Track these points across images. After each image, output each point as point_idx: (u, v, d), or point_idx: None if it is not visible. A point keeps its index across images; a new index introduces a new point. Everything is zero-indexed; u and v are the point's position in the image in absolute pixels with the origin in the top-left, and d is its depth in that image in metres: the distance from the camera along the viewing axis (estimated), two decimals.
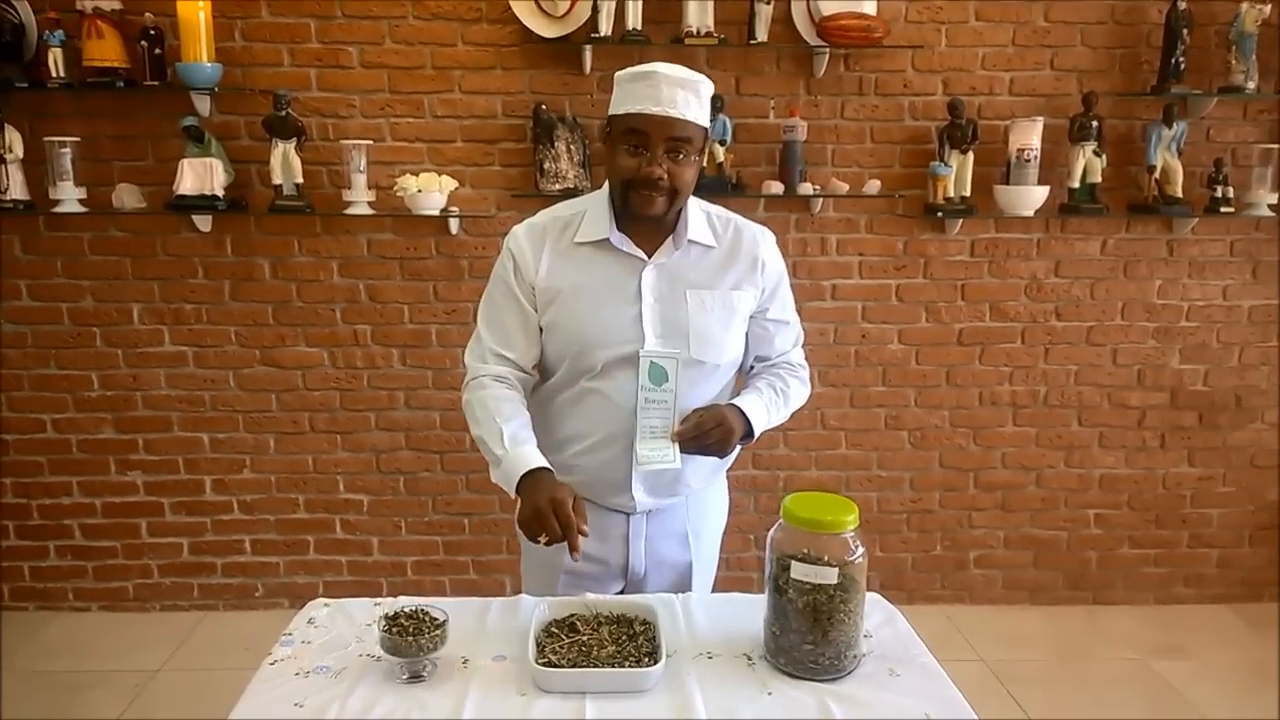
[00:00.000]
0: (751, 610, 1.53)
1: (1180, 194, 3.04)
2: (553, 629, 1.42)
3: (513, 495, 1.56)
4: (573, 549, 1.43)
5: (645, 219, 1.59)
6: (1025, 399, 3.26)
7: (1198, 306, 3.22)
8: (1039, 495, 3.34)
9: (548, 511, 1.44)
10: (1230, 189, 3.04)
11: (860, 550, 1.34)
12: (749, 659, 1.41)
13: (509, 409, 1.63)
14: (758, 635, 1.45)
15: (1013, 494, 3.34)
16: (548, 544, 1.45)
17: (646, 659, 1.34)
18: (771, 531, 1.40)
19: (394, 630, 1.32)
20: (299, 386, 3.12)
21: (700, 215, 1.67)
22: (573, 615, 1.47)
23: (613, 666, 1.32)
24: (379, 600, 1.58)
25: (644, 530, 1.73)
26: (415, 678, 1.33)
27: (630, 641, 1.39)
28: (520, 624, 1.48)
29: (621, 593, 1.81)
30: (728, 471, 1.85)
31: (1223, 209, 3.04)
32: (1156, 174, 3.02)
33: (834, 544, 1.34)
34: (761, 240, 1.71)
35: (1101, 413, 3.28)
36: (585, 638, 1.39)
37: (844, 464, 3.26)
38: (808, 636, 1.33)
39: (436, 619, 1.37)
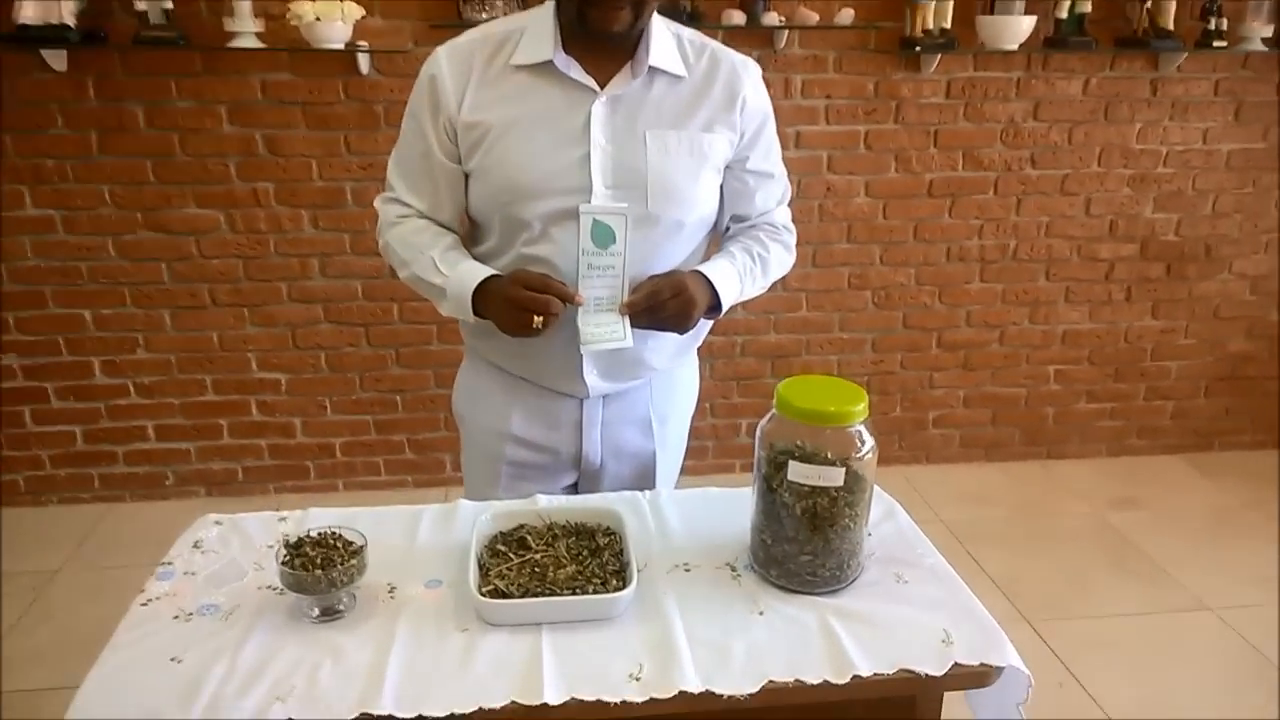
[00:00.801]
0: (732, 509, 1.30)
1: (1171, 26, 2.76)
2: (499, 546, 1.18)
3: (471, 320, 1.35)
4: (569, 300, 1.29)
5: (601, 38, 1.26)
6: (994, 253, 3.05)
7: (1176, 151, 3.01)
8: (1001, 353, 3.19)
9: (520, 294, 1.26)
10: (1224, 20, 2.77)
11: (869, 445, 1.11)
12: (733, 570, 1.19)
13: (429, 237, 1.39)
14: (741, 539, 1.23)
15: (975, 352, 3.18)
16: (544, 324, 1.27)
17: (613, 579, 1.11)
18: (762, 423, 1.16)
19: (297, 562, 1.06)
20: (193, 254, 2.74)
21: (668, 38, 1.35)
22: (522, 527, 1.22)
23: (573, 592, 1.09)
24: (284, 514, 1.32)
25: (599, 416, 1.48)
26: (329, 615, 1.08)
27: (593, 558, 1.16)
28: (458, 539, 1.23)
29: (575, 486, 1.57)
30: (709, 350, 1.60)
31: (1215, 43, 2.78)
32: (1149, 3, 2.73)
33: (838, 439, 1.10)
34: (744, 73, 1.40)
35: (1070, 266, 3.10)
36: (538, 555, 1.15)
37: (804, 327, 3.05)
38: (805, 546, 1.12)
39: (352, 544, 1.11)
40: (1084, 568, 2.69)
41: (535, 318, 1.25)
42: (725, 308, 1.38)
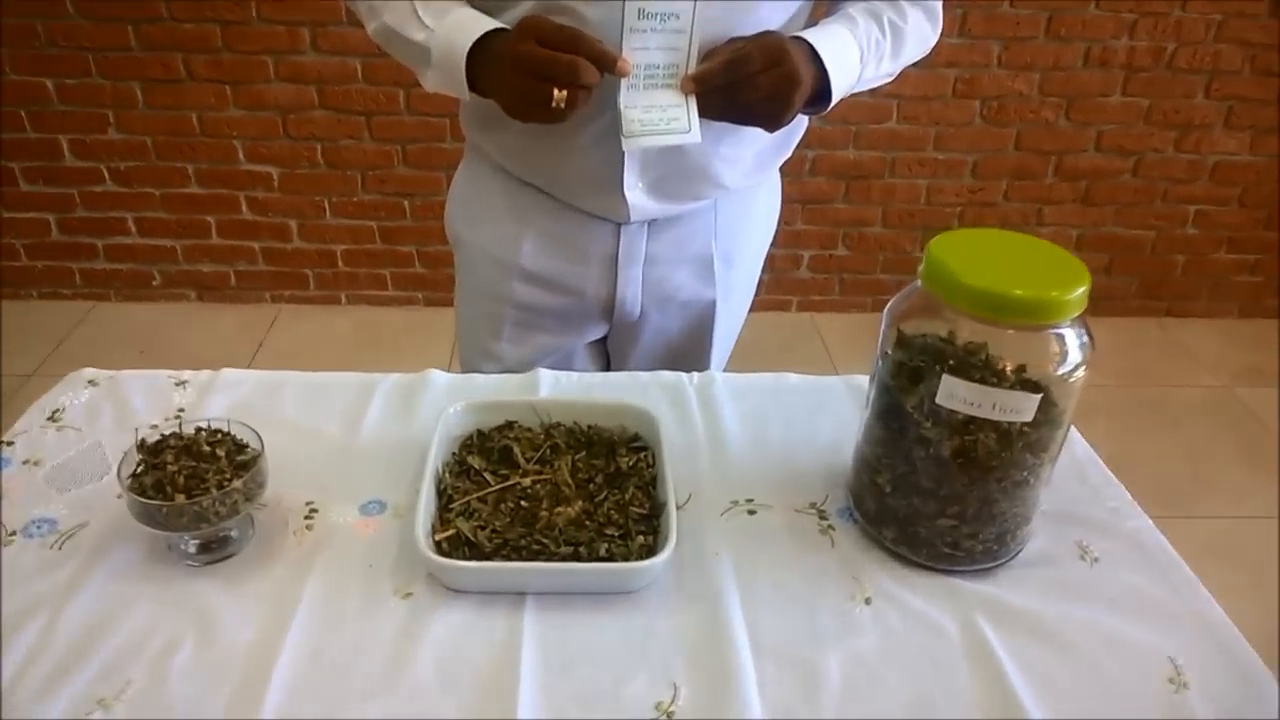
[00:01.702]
0: (823, 409, 0.90)
1: None
2: (471, 458, 0.78)
3: (466, 95, 0.88)
4: (608, 66, 0.81)
5: None
6: (1145, 59, 2.45)
7: None
8: (1132, 186, 2.64)
9: (535, 54, 0.79)
10: None
11: (1079, 354, 0.67)
12: (822, 517, 0.79)
13: None
14: (835, 467, 0.83)
15: (1100, 184, 2.64)
16: (569, 103, 0.80)
17: (638, 530, 0.72)
18: (894, 301, 0.73)
19: (150, 480, 0.68)
20: (162, 15, 2.25)
21: None
22: (511, 428, 0.82)
23: (577, 550, 0.70)
24: (184, 377, 0.93)
25: (642, 250, 1.05)
26: (212, 552, 0.71)
27: (610, 489, 0.76)
28: (418, 436, 0.84)
29: (604, 343, 1.16)
30: (783, 165, 1.13)
31: None
32: None
33: (1029, 343, 0.67)
34: None
35: (1239, 81, 2.49)
36: (529, 480, 0.76)
37: (891, 142, 2.52)
38: (950, 505, 0.71)
39: (242, 449, 0.72)
40: (1207, 453, 2.27)
41: (556, 91, 0.79)
42: (837, 96, 0.91)
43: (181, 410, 0.88)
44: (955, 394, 0.66)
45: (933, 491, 0.71)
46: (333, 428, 0.87)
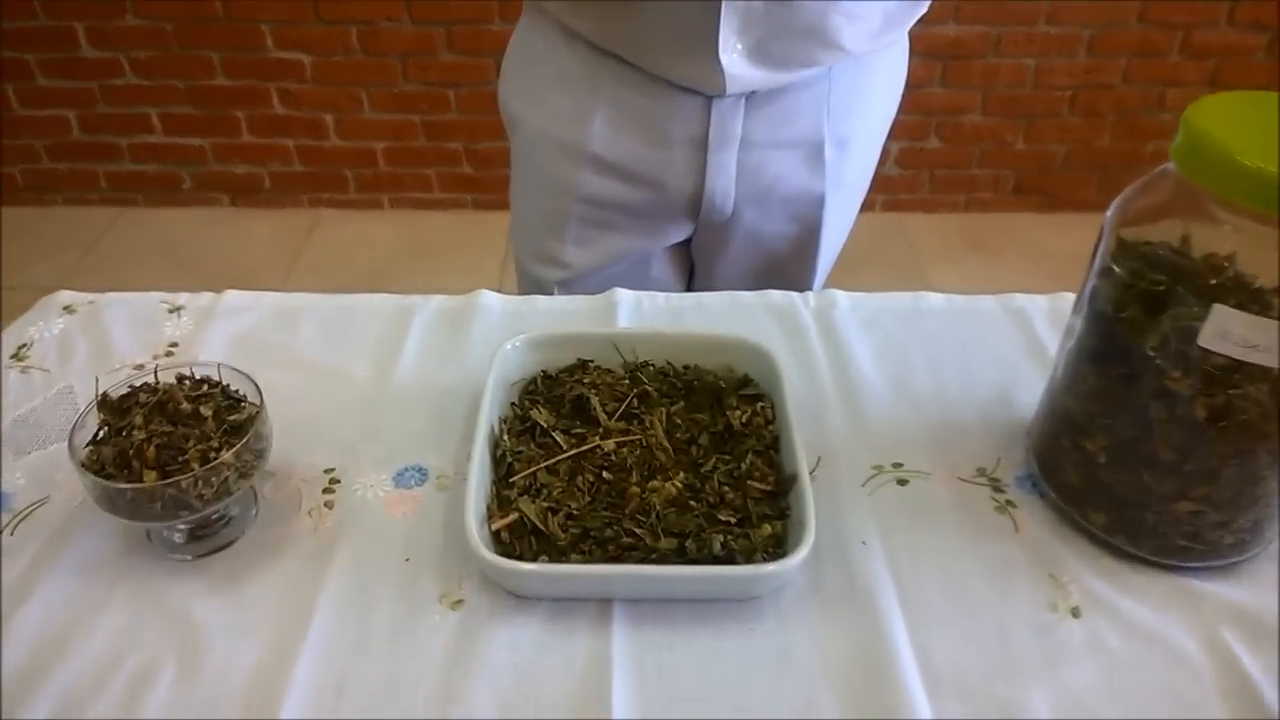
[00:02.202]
0: (975, 334, 0.70)
1: None
2: (536, 413, 0.60)
3: None
4: None
5: None
6: None
7: None
8: (1266, 66, 2.31)
9: None
10: None
11: None
12: (996, 488, 0.60)
13: None
14: (1006, 421, 0.64)
15: (1232, 63, 2.31)
16: None
17: (761, 514, 0.54)
18: (1124, 196, 0.52)
19: (114, 455, 0.51)
20: None
21: None
22: (585, 369, 0.64)
23: (684, 543, 0.52)
24: (179, 301, 0.75)
25: (738, 130, 0.84)
26: (203, 541, 0.55)
27: (720, 456, 0.58)
28: (466, 379, 0.66)
29: (688, 246, 0.96)
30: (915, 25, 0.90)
31: None
32: None
33: None
34: None
35: None
36: (612, 444, 0.57)
37: (997, 17, 2.21)
38: (1198, 486, 0.51)
39: (236, 405, 0.54)
40: None
41: None
42: None
43: (174, 346, 0.70)
44: (1229, 331, 0.46)
45: (1174, 466, 0.51)
46: (361, 368, 0.69)
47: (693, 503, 0.54)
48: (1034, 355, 0.71)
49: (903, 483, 0.60)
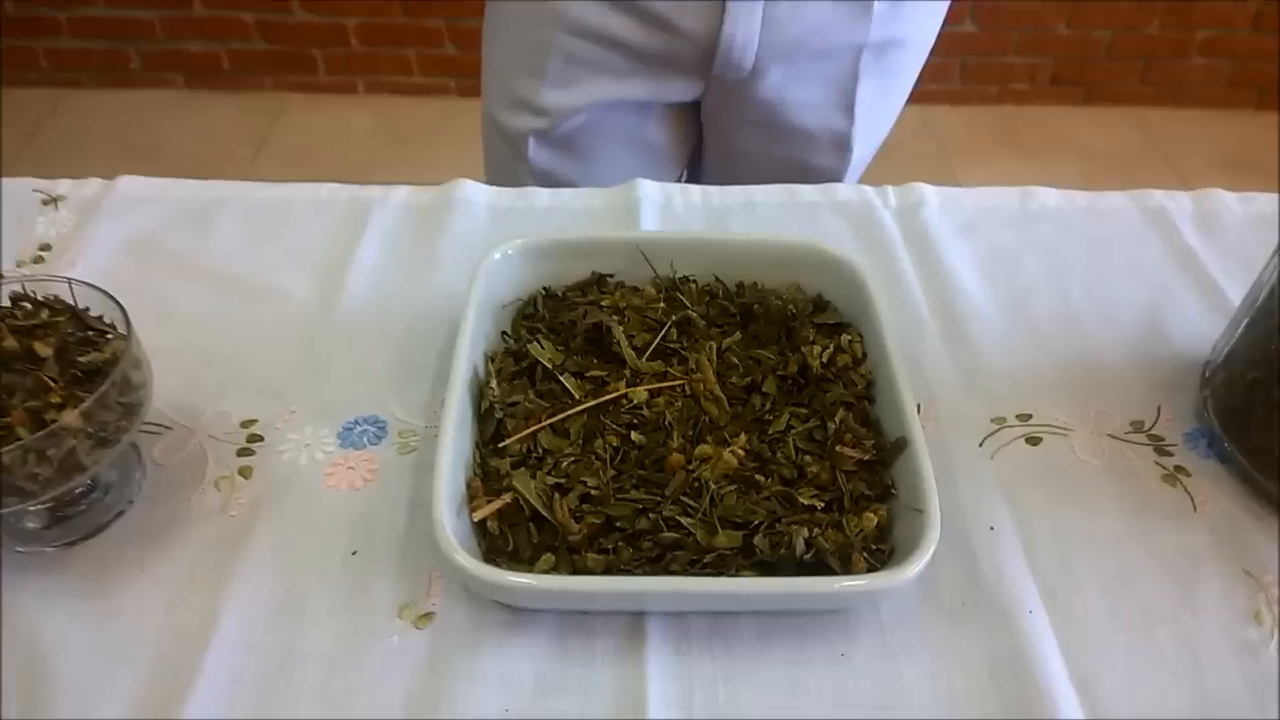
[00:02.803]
0: (1105, 243, 0.53)
1: None
2: (536, 347, 0.43)
3: None
4: None
5: None
6: None
7: None
8: None
9: None
10: None
11: None
12: (1162, 452, 0.44)
13: None
14: (1162, 358, 0.48)
15: None
16: None
17: (863, 499, 0.38)
18: None
19: None
20: None
21: None
22: (606, 288, 0.47)
23: (751, 537, 0.36)
24: (58, 190, 0.57)
25: None
26: (63, 523, 0.38)
27: (794, 409, 0.41)
28: (439, 299, 0.49)
29: (697, 109, 0.78)
30: None
31: None
32: None
33: None
34: None
35: None
36: (644, 398, 0.41)
37: None
38: None
39: (95, 342, 0.37)
40: None
41: None
42: None
43: (44, 250, 0.53)
44: None
45: None
46: (298, 283, 0.52)
47: (760, 478, 0.38)
48: (1185, 269, 0.54)
49: (1034, 441, 0.44)
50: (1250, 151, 2.09)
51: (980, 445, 0.44)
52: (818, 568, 0.36)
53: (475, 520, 0.37)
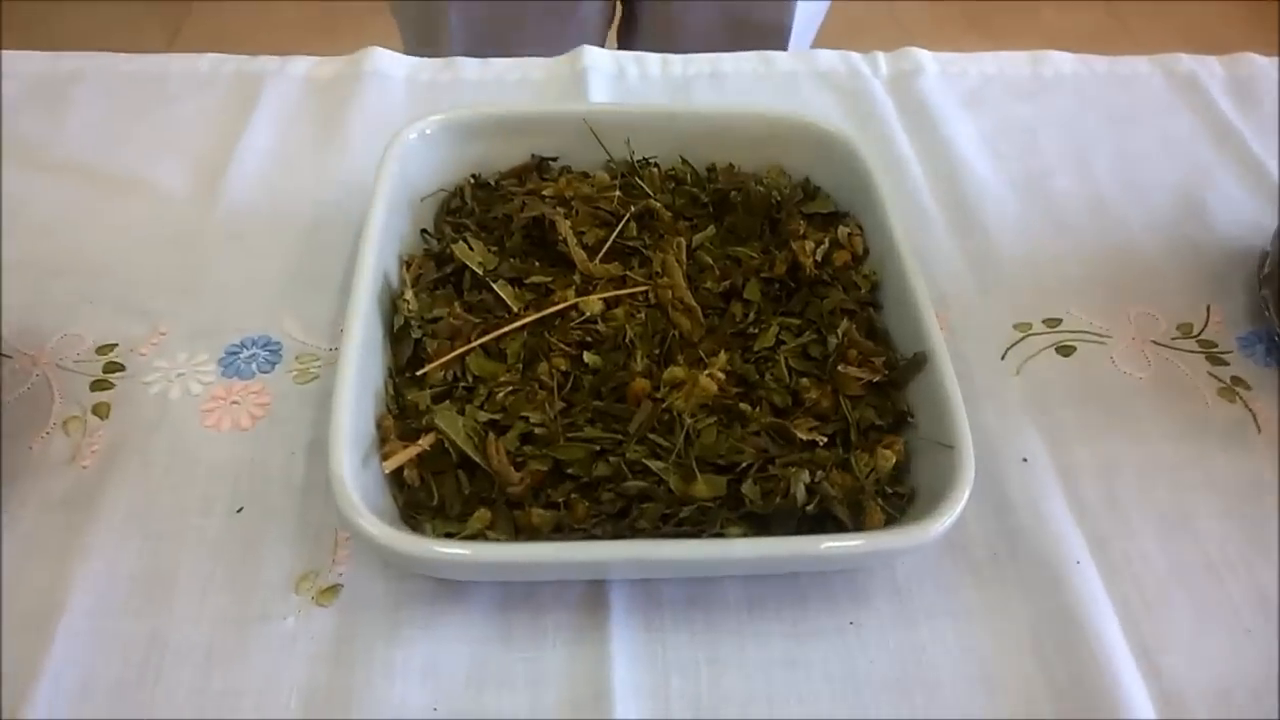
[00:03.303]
0: (1130, 113, 0.46)
1: None
2: (463, 248, 0.34)
3: None
4: None
5: None
6: None
7: None
8: None
9: None
10: None
11: None
12: (1215, 360, 0.38)
13: None
14: (1207, 246, 0.41)
15: None
16: None
17: (871, 430, 0.30)
18: None
19: None
20: None
21: None
22: (549, 174, 0.38)
23: (734, 485, 0.28)
24: None
25: None
26: None
27: (780, 326, 0.33)
28: (343, 191, 0.40)
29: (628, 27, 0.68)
30: None
31: None
32: None
33: None
34: None
35: None
36: (598, 309, 0.32)
37: None
38: None
39: None
40: None
41: None
42: None
43: None
44: None
45: None
46: (172, 176, 0.42)
47: (746, 408, 0.30)
48: (1223, 145, 0.47)
49: (1065, 351, 0.37)
50: (1220, 36, 2.02)
51: (1003, 358, 0.37)
52: (821, 519, 0.29)
53: (387, 471, 0.29)
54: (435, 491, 0.29)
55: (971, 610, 0.30)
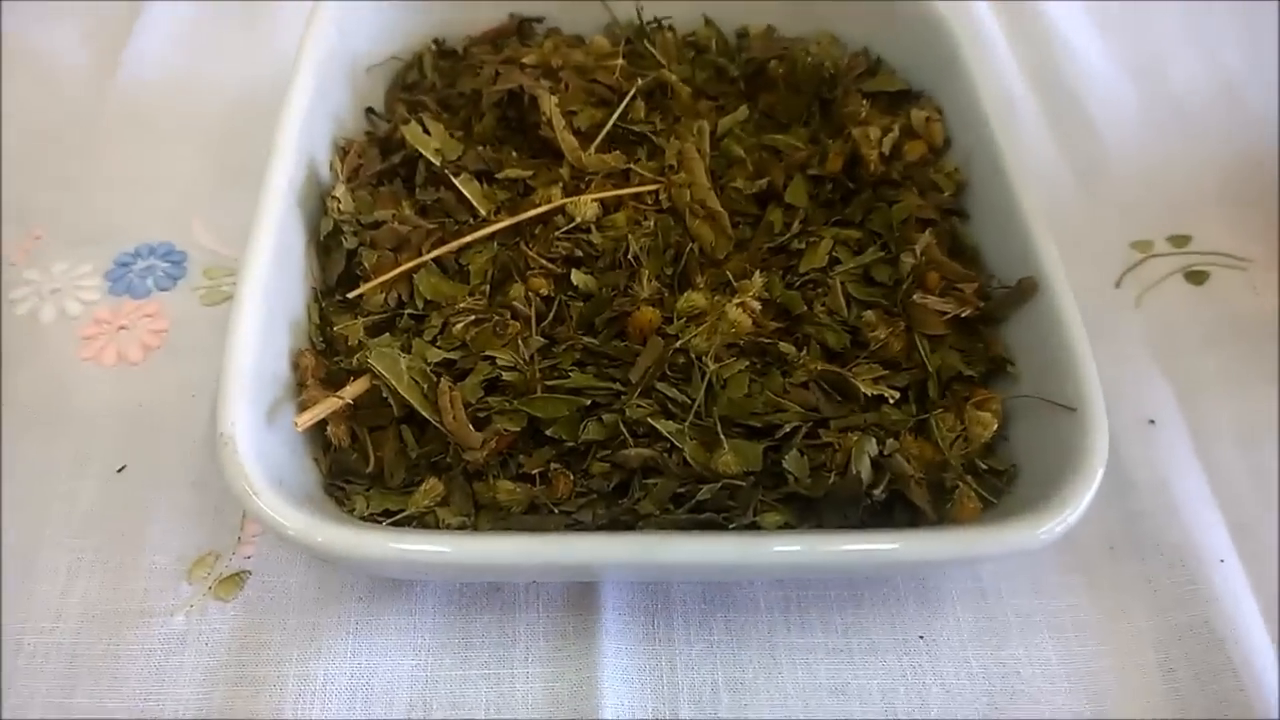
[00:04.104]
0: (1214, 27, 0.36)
1: None
2: (414, 136, 0.26)
3: None
4: None
5: None
6: None
7: None
8: None
9: None
10: None
11: None
12: None
13: None
14: None
15: None
16: None
17: (966, 393, 0.22)
18: None
19: None
20: None
21: None
22: (529, 38, 0.29)
23: (762, 453, 0.21)
24: None
25: None
26: None
27: (834, 241, 0.25)
28: (271, 69, 0.32)
29: None
30: None
31: None
32: None
33: None
34: None
35: None
36: (590, 216, 0.24)
37: None
38: None
39: None
40: None
41: None
42: None
43: None
44: None
45: None
46: (62, 46, 0.34)
47: (788, 348, 0.22)
48: None
49: (1196, 279, 0.29)
50: None
51: (1118, 285, 0.29)
52: (889, 504, 0.21)
53: (301, 428, 0.21)
54: (370, 455, 0.22)
55: (1081, 622, 0.22)
